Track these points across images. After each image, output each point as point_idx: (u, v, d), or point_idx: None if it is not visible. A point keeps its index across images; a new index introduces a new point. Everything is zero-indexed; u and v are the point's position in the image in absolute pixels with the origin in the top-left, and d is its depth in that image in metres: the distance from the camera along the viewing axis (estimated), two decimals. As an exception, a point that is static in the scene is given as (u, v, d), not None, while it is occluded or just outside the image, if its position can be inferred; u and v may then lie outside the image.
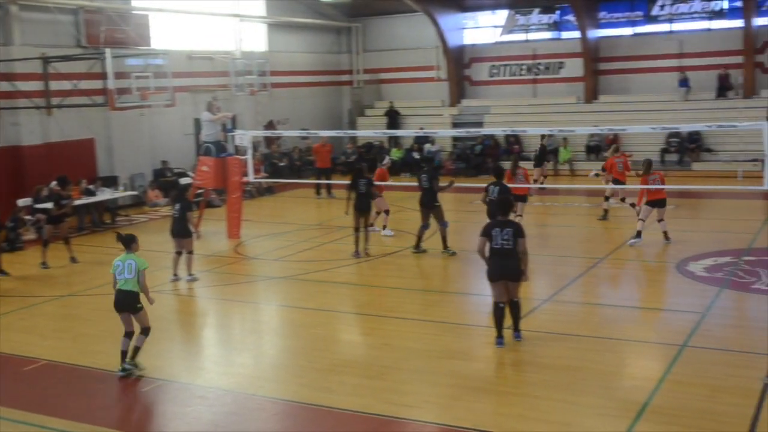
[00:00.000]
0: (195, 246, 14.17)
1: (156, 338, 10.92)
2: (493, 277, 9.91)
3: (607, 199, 18.31)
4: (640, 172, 15.61)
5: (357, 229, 15.39)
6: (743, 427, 7.48)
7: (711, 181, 21.88)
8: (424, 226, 15.33)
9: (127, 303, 9.50)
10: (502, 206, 10.32)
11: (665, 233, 15.62)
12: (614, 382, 8.82)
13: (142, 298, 9.63)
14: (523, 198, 16.36)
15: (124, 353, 9.51)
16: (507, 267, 9.83)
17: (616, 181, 17.82)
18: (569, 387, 8.63)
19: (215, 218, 19.79)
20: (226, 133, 19.23)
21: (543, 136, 23.19)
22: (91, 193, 20.21)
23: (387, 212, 17.53)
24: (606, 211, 18.26)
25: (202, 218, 19.07)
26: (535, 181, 22.52)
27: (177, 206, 13.78)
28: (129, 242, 9.73)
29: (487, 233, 9.89)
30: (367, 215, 15.56)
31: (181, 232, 13.78)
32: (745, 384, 8.49)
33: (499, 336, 9.99)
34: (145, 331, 9.61)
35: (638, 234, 15.58)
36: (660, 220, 15.63)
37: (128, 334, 9.58)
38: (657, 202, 15.55)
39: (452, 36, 31.79)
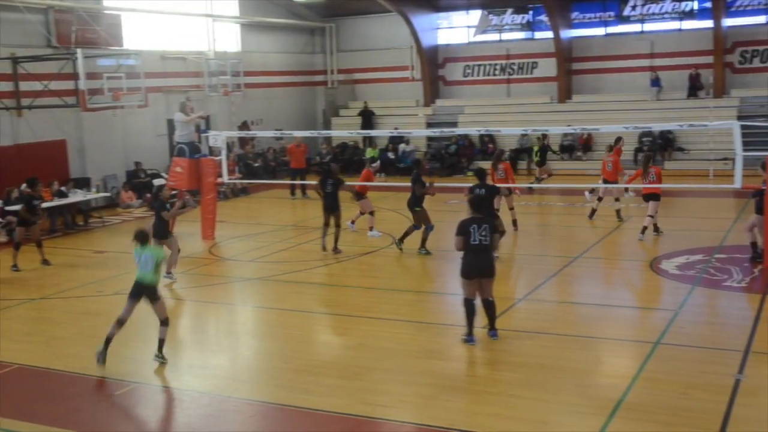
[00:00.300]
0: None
1: (130, 340, 10.84)
2: (470, 274, 9.96)
3: (600, 199, 18.37)
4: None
5: (326, 224, 15.61)
6: (715, 424, 7.57)
7: (683, 179, 22.09)
8: (415, 226, 15.39)
9: (149, 291, 9.73)
10: (478, 204, 10.41)
11: (655, 226, 16.13)
12: (589, 379, 8.88)
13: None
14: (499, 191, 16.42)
15: (108, 340, 9.67)
16: (482, 264, 9.91)
17: (605, 181, 17.97)
18: (544, 385, 8.68)
19: (190, 219, 19.65)
20: (200, 133, 19.12)
21: (544, 136, 23.29)
22: (64, 195, 19.99)
23: (372, 213, 17.53)
24: (594, 210, 18.26)
25: (176, 219, 18.95)
26: (540, 180, 22.65)
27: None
28: (145, 238, 9.91)
29: (464, 231, 9.92)
30: (336, 214, 15.57)
31: (158, 233, 13.67)
32: (718, 380, 8.59)
33: (470, 334, 10.04)
34: (165, 322, 9.77)
35: (656, 228, 16.20)
36: (651, 216, 16.01)
37: (120, 322, 9.76)
38: (651, 196, 15.95)
39: (426, 36, 31.85)
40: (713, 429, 7.48)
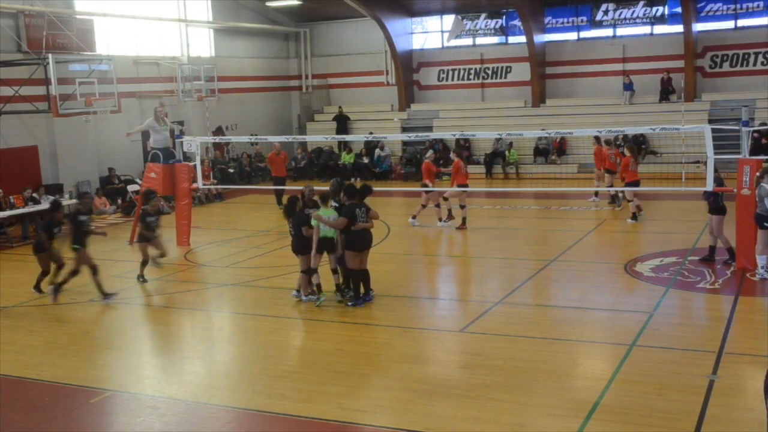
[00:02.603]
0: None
1: (105, 347, 10.76)
2: (362, 247, 12.02)
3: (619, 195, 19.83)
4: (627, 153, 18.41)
5: None
6: (690, 424, 7.64)
7: (656, 182, 22.32)
8: None
9: None
10: (361, 191, 12.26)
11: (639, 207, 18.04)
12: (565, 382, 8.93)
13: None
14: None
15: None
16: (368, 239, 12.14)
17: (608, 171, 19.91)
18: (521, 388, 8.72)
19: (164, 225, 19.51)
20: (175, 139, 19.00)
21: (617, 137, 23.52)
22: (36, 202, 19.77)
23: (438, 206, 18.50)
24: (639, 208, 18.43)
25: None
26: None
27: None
28: None
29: (351, 214, 11.82)
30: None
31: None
32: (692, 381, 8.68)
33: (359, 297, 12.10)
34: None
35: (637, 212, 18.08)
36: (630, 201, 18.11)
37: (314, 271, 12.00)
38: (636, 183, 18.00)
39: (400, 41, 31.94)
40: (688, 429, 7.55)
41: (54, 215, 13.83)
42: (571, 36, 30.42)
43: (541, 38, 30.16)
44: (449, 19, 31.93)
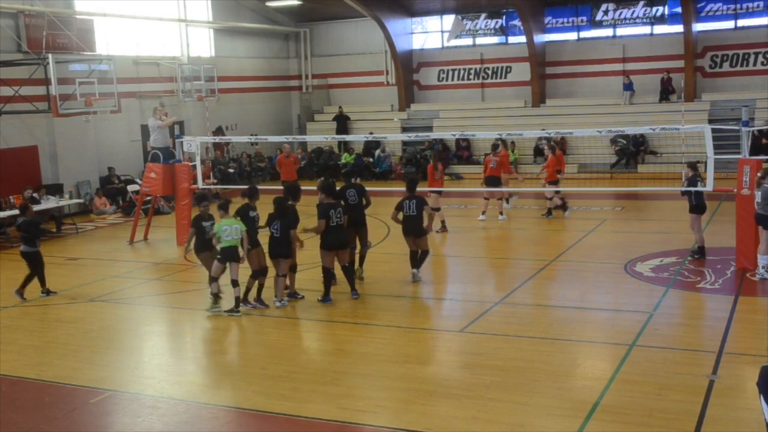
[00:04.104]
0: (144, 254, 14.17)
1: (105, 347, 10.76)
2: (334, 246, 12.33)
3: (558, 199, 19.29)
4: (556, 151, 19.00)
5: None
6: (690, 424, 7.64)
7: (656, 182, 22.32)
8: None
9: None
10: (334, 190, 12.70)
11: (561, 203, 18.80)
12: (565, 382, 8.92)
13: None
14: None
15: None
16: (341, 238, 12.42)
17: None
18: (521, 388, 8.72)
19: (165, 225, 19.55)
20: (175, 139, 19.01)
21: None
22: (36, 202, 19.76)
23: (500, 199, 19.37)
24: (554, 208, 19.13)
25: (150, 225, 18.85)
26: None
27: None
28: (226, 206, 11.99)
29: (326, 214, 12.19)
30: (362, 231, 13.84)
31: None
32: (692, 381, 8.68)
33: (327, 295, 12.46)
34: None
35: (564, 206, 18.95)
36: (549, 198, 18.95)
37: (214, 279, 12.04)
38: (557, 181, 18.78)
39: (400, 41, 31.94)
40: (688, 429, 7.55)
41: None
42: (571, 36, 30.43)
43: (541, 38, 30.16)
44: (449, 19, 31.94)
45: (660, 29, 29.07)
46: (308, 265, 14.66)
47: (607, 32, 29.87)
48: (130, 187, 23.81)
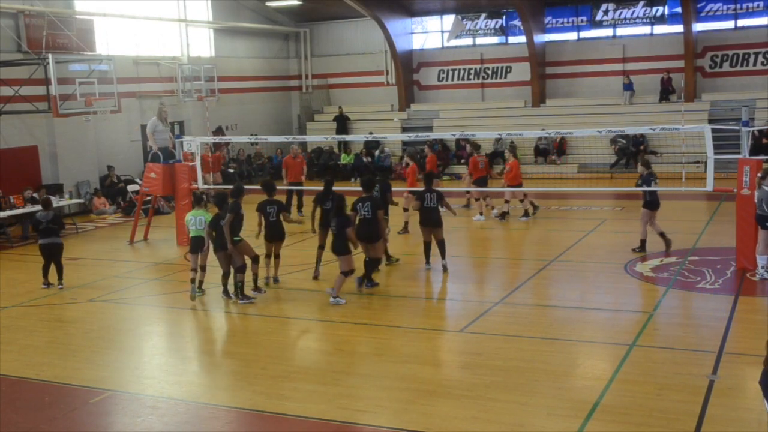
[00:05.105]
0: (144, 254, 14.22)
1: (105, 347, 10.75)
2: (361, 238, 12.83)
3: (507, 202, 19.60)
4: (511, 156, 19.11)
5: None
6: (690, 424, 7.64)
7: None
8: None
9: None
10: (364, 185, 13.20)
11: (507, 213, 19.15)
12: (565, 382, 8.92)
13: None
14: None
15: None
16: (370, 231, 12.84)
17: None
18: (521, 388, 8.72)
19: (165, 225, 19.55)
20: (174, 139, 19.02)
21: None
22: (36, 202, 19.76)
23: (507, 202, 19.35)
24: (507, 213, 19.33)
25: (150, 225, 18.85)
26: None
27: None
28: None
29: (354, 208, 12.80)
30: (374, 246, 13.35)
31: None
32: (692, 381, 8.68)
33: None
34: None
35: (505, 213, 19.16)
36: (507, 201, 19.25)
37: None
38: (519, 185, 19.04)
39: (400, 41, 31.95)
40: (688, 429, 7.55)
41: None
42: (571, 36, 30.43)
43: (541, 38, 30.16)
44: (449, 19, 31.94)
45: (660, 29, 29.08)
46: (308, 265, 14.68)
47: (607, 32, 29.88)
48: (130, 187, 23.81)
